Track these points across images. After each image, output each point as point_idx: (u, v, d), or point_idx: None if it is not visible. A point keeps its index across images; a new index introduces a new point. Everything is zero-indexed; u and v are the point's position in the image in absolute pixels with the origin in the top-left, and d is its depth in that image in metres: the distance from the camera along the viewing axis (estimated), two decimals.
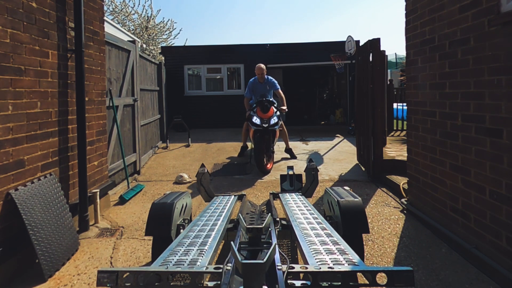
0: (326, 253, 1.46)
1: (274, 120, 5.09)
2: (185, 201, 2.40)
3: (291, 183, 3.49)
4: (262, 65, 5.66)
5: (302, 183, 3.50)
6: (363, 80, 5.02)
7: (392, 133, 7.85)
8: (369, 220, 2.81)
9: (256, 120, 5.06)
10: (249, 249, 1.70)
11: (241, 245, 1.72)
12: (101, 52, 3.54)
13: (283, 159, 5.93)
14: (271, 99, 5.37)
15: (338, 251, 1.48)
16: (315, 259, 1.40)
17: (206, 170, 3.30)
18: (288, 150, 6.05)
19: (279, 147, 6.34)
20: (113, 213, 3.51)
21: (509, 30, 2.03)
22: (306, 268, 1.26)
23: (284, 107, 5.50)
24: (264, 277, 1.13)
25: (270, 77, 5.76)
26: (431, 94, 2.95)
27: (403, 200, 3.58)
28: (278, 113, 5.28)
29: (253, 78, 5.85)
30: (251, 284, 1.10)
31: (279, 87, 5.75)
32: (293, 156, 5.97)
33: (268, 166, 5.06)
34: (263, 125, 4.97)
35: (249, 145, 6.04)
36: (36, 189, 2.38)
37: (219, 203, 2.58)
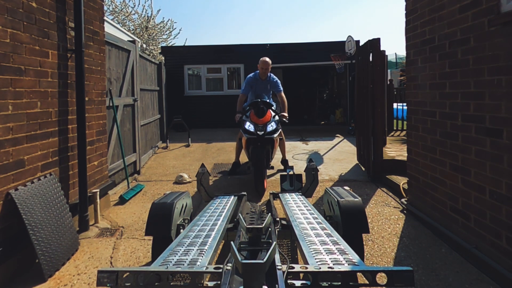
0: (326, 253, 1.46)
1: (271, 126, 4.16)
2: (185, 201, 2.40)
3: (291, 183, 3.49)
4: (268, 59, 4.66)
5: (302, 183, 3.50)
6: (363, 80, 5.02)
7: (392, 133, 7.85)
8: (369, 220, 2.81)
9: (249, 126, 4.14)
10: (249, 249, 1.70)
11: (241, 245, 1.72)
12: (101, 52, 3.54)
13: (278, 171, 5.06)
14: (268, 101, 4.45)
15: (338, 251, 1.48)
16: (315, 259, 1.40)
17: (206, 170, 3.30)
18: (284, 161, 5.16)
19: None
20: (113, 213, 3.51)
21: (509, 30, 2.03)
22: (306, 268, 1.26)
23: (286, 114, 4.54)
24: (264, 277, 1.13)
25: (273, 76, 4.84)
26: (431, 94, 2.94)
27: (403, 200, 3.58)
28: (276, 117, 4.37)
29: (253, 73, 4.86)
30: (251, 284, 1.10)
31: (282, 89, 4.81)
32: (288, 168, 4.83)
33: (264, 184, 4.07)
34: (258, 132, 4.05)
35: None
36: (36, 189, 2.38)
37: (219, 203, 2.58)
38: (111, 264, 2.46)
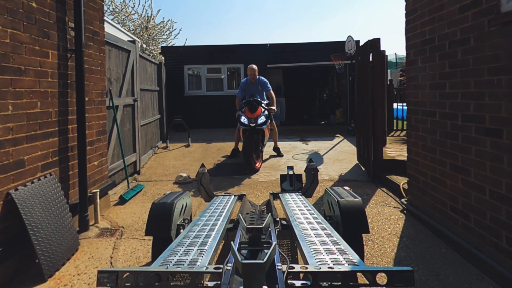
0: (326, 253, 1.46)
1: (261, 119, 5.21)
2: (185, 201, 2.40)
3: (291, 183, 3.49)
4: (254, 66, 5.84)
5: (302, 183, 3.50)
6: (363, 80, 5.02)
7: (392, 133, 7.84)
8: (369, 220, 2.81)
9: (244, 120, 5.21)
10: (249, 249, 1.70)
11: (241, 245, 1.71)
12: (101, 52, 3.54)
13: (271, 156, 6.17)
14: (259, 99, 5.50)
15: (338, 251, 1.48)
16: (315, 259, 1.40)
17: (206, 170, 3.29)
18: (276, 148, 6.30)
19: (268, 146, 6.46)
20: (113, 213, 3.51)
21: (509, 30, 2.03)
22: (306, 268, 1.26)
23: (274, 107, 5.69)
24: (264, 277, 1.13)
25: (261, 77, 5.93)
26: (431, 94, 2.94)
27: (403, 200, 3.58)
28: (266, 112, 5.42)
29: (245, 78, 6.00)
30: (251, 284, 1.10)
31: (270, 87, 5.91)
32: (279, 154, 6.21)
33: (257, 164, 5.23)
34: (251, 124, 5.13)
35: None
36: (36, 189, 2.38)
37: (219, 203, 2.58)
38: (111, 264, 2.46)
